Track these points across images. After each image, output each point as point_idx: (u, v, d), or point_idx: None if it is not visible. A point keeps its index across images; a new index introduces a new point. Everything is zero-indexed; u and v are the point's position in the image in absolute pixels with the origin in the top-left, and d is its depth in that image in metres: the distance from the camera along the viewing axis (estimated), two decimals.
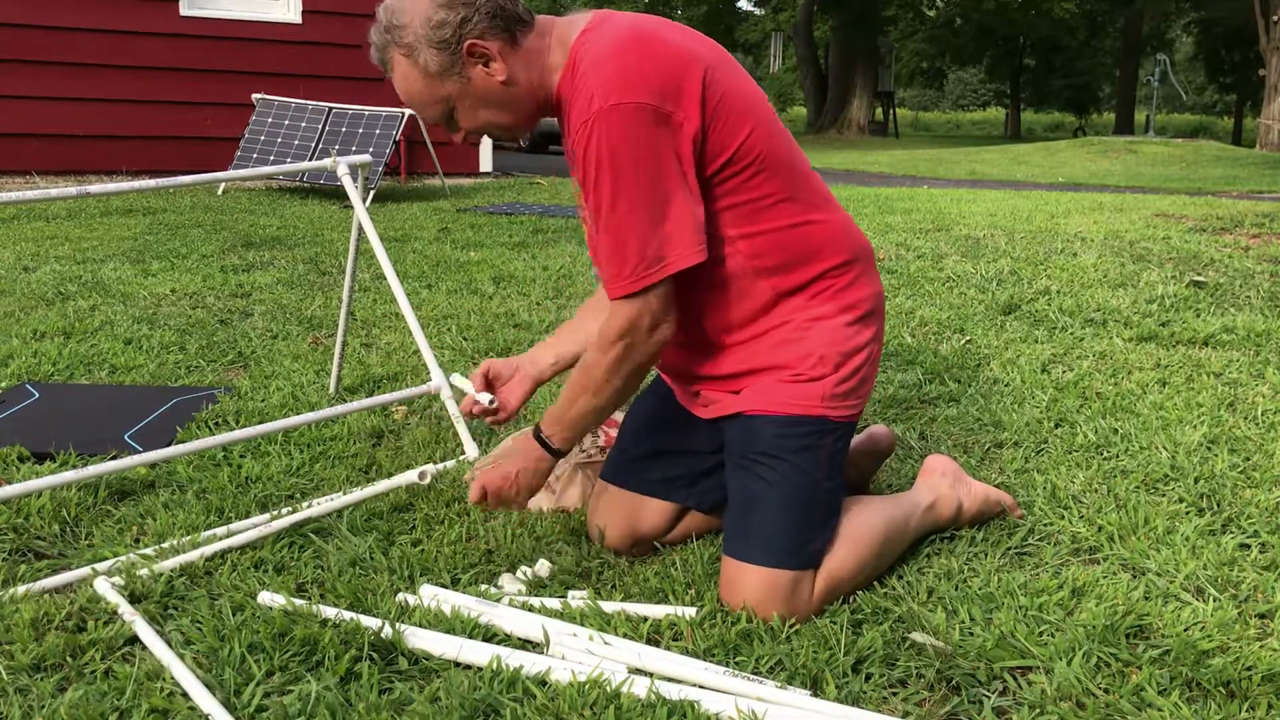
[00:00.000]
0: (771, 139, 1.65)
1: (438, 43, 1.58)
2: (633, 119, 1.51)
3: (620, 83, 1.51)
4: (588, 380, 1.66)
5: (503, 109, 1.65)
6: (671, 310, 1.62)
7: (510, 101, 1.64)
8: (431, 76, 1.61)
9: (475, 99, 1.63)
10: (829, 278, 1.70)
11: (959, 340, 3.42)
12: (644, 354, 1.63)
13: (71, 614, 1.59)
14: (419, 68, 1.60)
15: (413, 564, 1.78)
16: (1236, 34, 32.47)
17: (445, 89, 1.62)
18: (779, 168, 1.65)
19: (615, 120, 1.51)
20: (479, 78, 1.61)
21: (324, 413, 2.22)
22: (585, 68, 1.56)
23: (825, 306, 1.70)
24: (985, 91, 53.56)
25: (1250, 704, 1.40)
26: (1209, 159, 15.96)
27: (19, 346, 3.19)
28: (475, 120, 1.67)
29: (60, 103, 8.30)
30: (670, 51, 1.57)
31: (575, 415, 1.69)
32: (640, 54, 1.54)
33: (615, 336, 1.62)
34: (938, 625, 1.58)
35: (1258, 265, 4.82)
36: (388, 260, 2.45)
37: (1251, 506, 2.04)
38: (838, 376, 1.68)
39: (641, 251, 1.55)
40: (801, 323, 1.68)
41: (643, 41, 1.56)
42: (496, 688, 1.39)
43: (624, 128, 1.51)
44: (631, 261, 1.56)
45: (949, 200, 8.02)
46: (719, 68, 1.61)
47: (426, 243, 5.55)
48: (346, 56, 9.28)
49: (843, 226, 1.74)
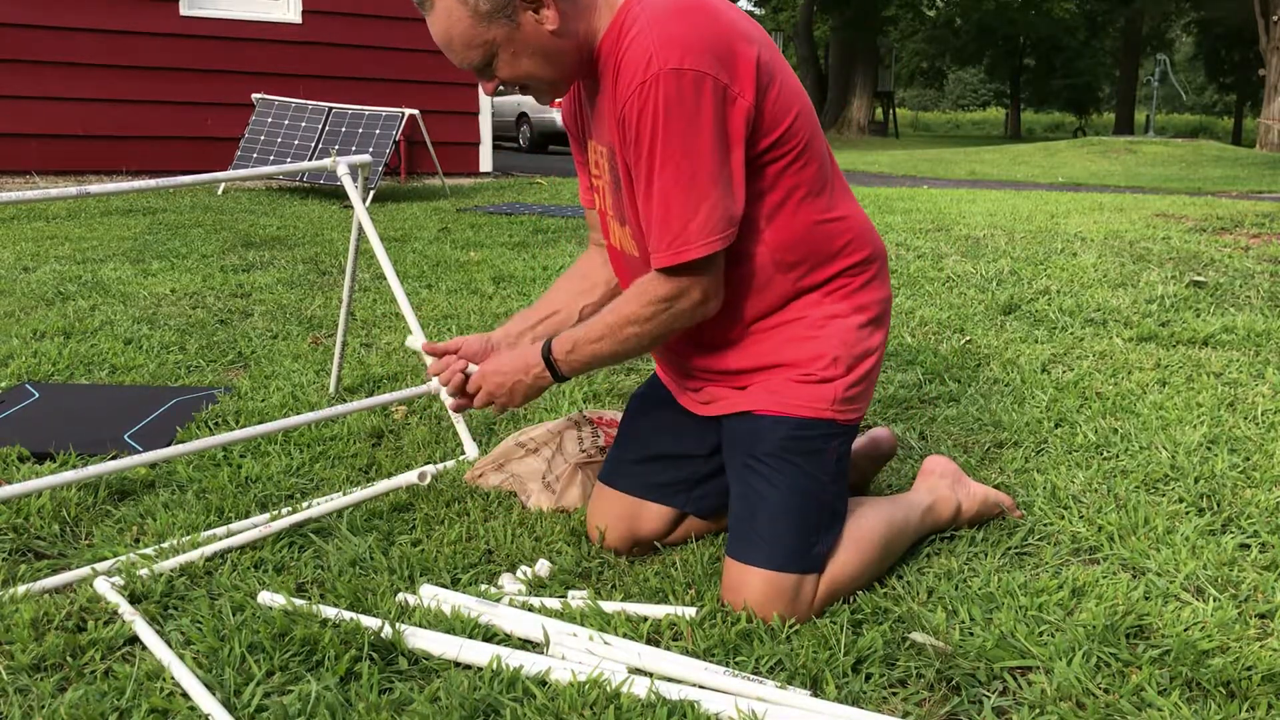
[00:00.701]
0: (813, 127, 1.63)
1: None
2: (693, 85, 1.46)
3: (683, 47, 1.47)
4: (617, 327, 1.62)
5: (547, 61, 1.58)
6: (723, 284, 1.60)
7: (556, 54, 1.58)
8: (480, 16, 1.52)
9: (521, 46, 1.56)
10: (847, 275, 1.68)
11: (959, 340, 3.42)
12: (684, 322, 1.61)
13: (71, 614, 1.59)
14: (468, 6, 1.52)
15: (413, 564, 1.78)
16: (1236, 34, 32.48)
17: (492, 33, 1.54)
18: (814, 158, 1.63)
19: (676, 84, 1.46)
20: (529, 24, 1.54)
21: (324, 413, 2.22)
22: (640, 28, 1.50)
23: (840, 305, 1.68)
24: (985, 91, 53.59)
25: (1250, 704, 1.40)
26: (1209, 159, 15.96)
27: (19, 346, 3.19)
28: (515, 70, 1.59)
29: (60, 103, 8.30)
30: (729, 21, 1.53)
31: (590, 354, 1.65)
32: (702, 20, 1.50)
33: (656, 300, 1.58)
34: (938, 625, 1.58)
35: (1258, 265, 4.82)
36: (388, 260, 2.45)
37: (1251, 506, 2.04)
38: (849, 380, 1.67)
39: (694, 221, 1.51)
40: (816, 320, 1.66)
41: (702, 8, 1.52)
42: (496, 688, 1.39)
43: (684, 93, 1.46)
44: (682, 231, 1.51)
45: (949, 200, 8.02)
46: (769, 48, 1.58)
47: (426, 243, 5.55)
48: (346, 56, 9.29)
49: (864, 225, 1.72)
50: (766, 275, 1.64)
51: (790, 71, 1.63)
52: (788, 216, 1.62)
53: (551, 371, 1.68)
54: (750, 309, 1.67)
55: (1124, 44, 36.05)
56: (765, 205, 1.61)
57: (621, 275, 1.82)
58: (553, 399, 2.74)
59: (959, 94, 58.73)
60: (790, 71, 1.63)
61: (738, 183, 1.54)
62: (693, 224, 1.51)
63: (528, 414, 2.63)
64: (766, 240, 1.62)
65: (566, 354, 1.67)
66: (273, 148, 8.07)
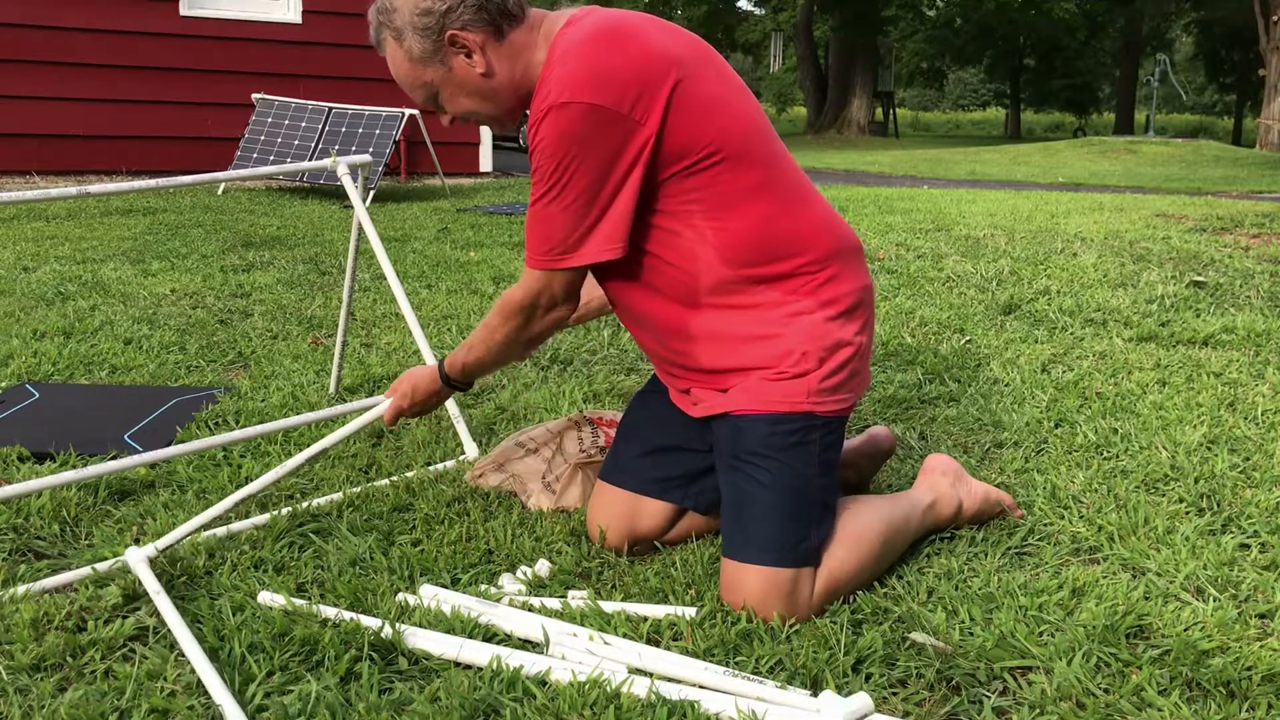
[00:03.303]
0: (748, 135, 1.65)
1: (422, 29, 1.64)
2: (580, 119, 1.55)
3: (578, 80, 1.55)
4: (487, 339, 1.81)
5: (484, 99, 1.71)
6: (573, 298, 1.73)
7: (490, 93, 1.70)
8: (415, 61, 1.68)
9: (456, 87, 1.70)
10: (804, 274, 1.69)
11: (959, 340, 3.42)
12: (538, 328, 1.76)
13: (71, 614, 1.59)
14: (404, 51, 1.67)
15: (413, 564, 1.78)
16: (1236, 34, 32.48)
17: (428, 74, 1.69)
18: (754, 164, 1.65)
19: (564, 118, 1.55)
20: (460, 67, 1.68)
21: (324, 413, 2.22)
22: (554, 60, 1.60)
23: (804, 301, 1.69)
24: (985, 91, 53.57)
25: (1250, 704, 1.40)
26: (1209, 159, 15.96)
27: (19, 346, 3.19)
28: (458, 107, 1.73)
29: (60, 103, 8.30)
30: (641, 50, 1.58)
31: (471, 361, 1.87)
32: (608, 51, 1.57)
33: (516, 308, 1.74)
34: (938, 625, 1.58)
35: (1258, 265, 4.82)
36: (388, 260, 2.45)
37: (1251, 506, 2.04)
38: (822, 371, 1.67)
39: (559, 238, 1.64)
40: (779, 318, 1.68)
41: (614, 38, 1.58)
42: (496, 688, 1.39)
43: (570, 126, 1.55)
44: (546, 244, 1.65)
45: (949, 200, 8.02)
46: (695, 65, 1.62)
47: (426, 243, 5.55)
48: (346, 56, 9.29)
49: (822, 222, 1.72)
50: (718, 271, 1.67)
51: (729, 77, 1.69)
52: (729, 217, 1.65)
53: (445, 381, 1.93)
54: (705, 303, 1.70)
55: (1124, 44, 36.04)
56: (703, 208, 1.65)
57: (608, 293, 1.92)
58: (553, 399, 2.74)
59: (959, 94, 58.73)
60: (729, 77, 1.69)
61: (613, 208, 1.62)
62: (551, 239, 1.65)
63: (528, 414, 2.63)
64: (710, 240, 1.66)
65: (450, 365, 1.91)
66: (273, 148, 8.07)
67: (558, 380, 2.95)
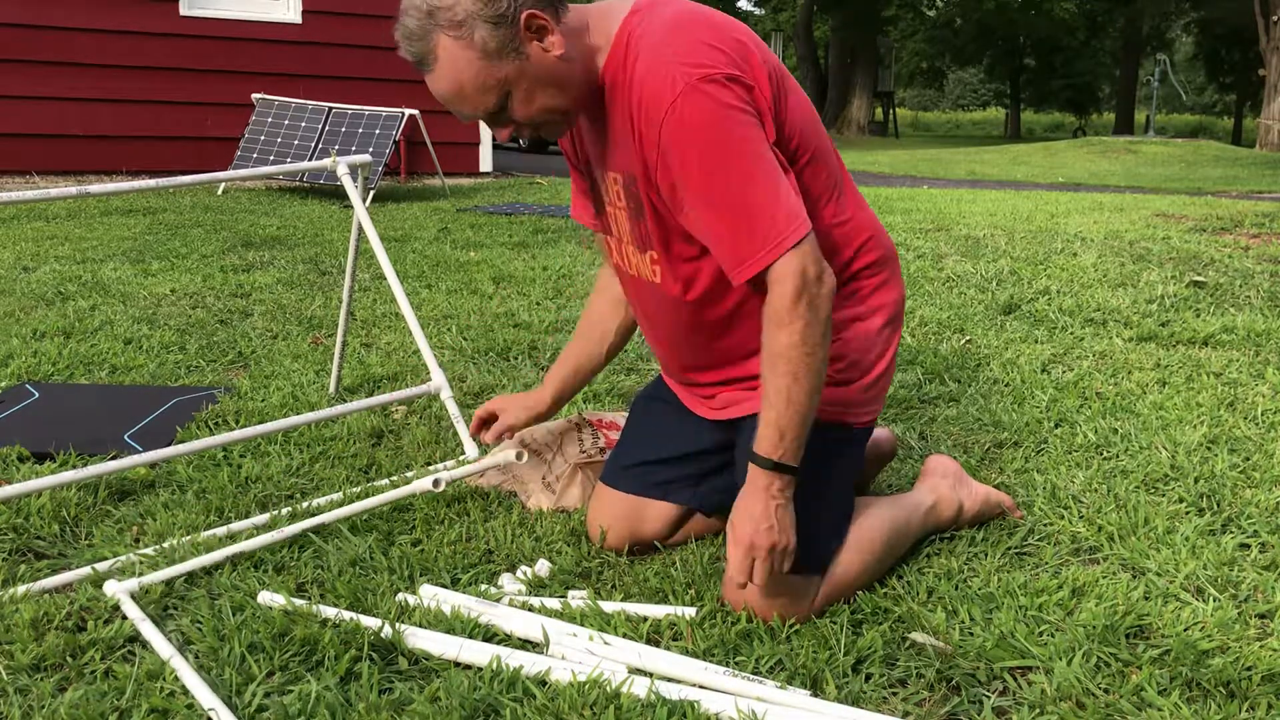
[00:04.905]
0: (818, 128, 1.61)
1: (493, 17, 1.44)
2: (724, 91, 1.43)
3: (700, 58, 1.43)
4: (784, 369, 1.48)
5: (561, 89, 1.51)
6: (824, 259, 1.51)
7: (568, 80, 1.51)
8: (490, 56, 1.45)
9: (533, 80, 1.49)
10: (863, 278, 1.68)
11: (959, 340, 3.42)
12: (825, 307, 1.49)
13: (71, 614, 1.59)
14: (475, 48, 1.45)
15: (413, 564, 1.78)
16: (1236, 34, 32.46)
17: (503, 70, 1.47)
18: (825, 159, 1.61)
19: (707, 94, 1.42)
20: (536, 54, 1.48)
21: (324, 413, 2.22)
22: (650, 49, 1.47)
23: (859, 308, 1.67)
24: (985, 91, 53.57)
25: (1250, 704, 1.40)
26: (1209, 159, 15.96)
27: (19, 346, 3.19)
28: (531, 106, 1.51)
29: (60, 103, 8.30)
30: (732, 27, 1.51)
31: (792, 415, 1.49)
32: (708, 28, 1.48)
33: (788, 302, 1.46)
34: (938, 625, 1.58)
35: (1258, 265, 4.82)
36: (388, 260, 2.45)
37: (1251, 506, 2.04)
38: (864, 383, 1.67)
39: (777, 212, 1.45)
40: (836, 324, 1.62)
41: (705, 18, 1.50)
42: (496, 688, 1.39)
43: (718, 100, 1.42)
44: (771, 225, 1.45)
45: (949, 200, 8.02)
46: (767, 51, 1.57)
47: (426, 243, 5.55)
48: (346, 56, 9.29)
49: (876, 225, 1.71)
50: None
51: (791, 76, 1.63)
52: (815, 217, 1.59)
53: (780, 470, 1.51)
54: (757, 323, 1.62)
55: (1124, 44, 36.04)
56: None
57: (637, 302, 1.80)
58: None
59: (959, 94, 58.72)
60: (791, 76, 1.63)
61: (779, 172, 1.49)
62: (778, 213, 1.45)
63: None
64: None
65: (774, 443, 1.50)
66: (273, 148, 8.07)
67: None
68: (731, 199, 1.45)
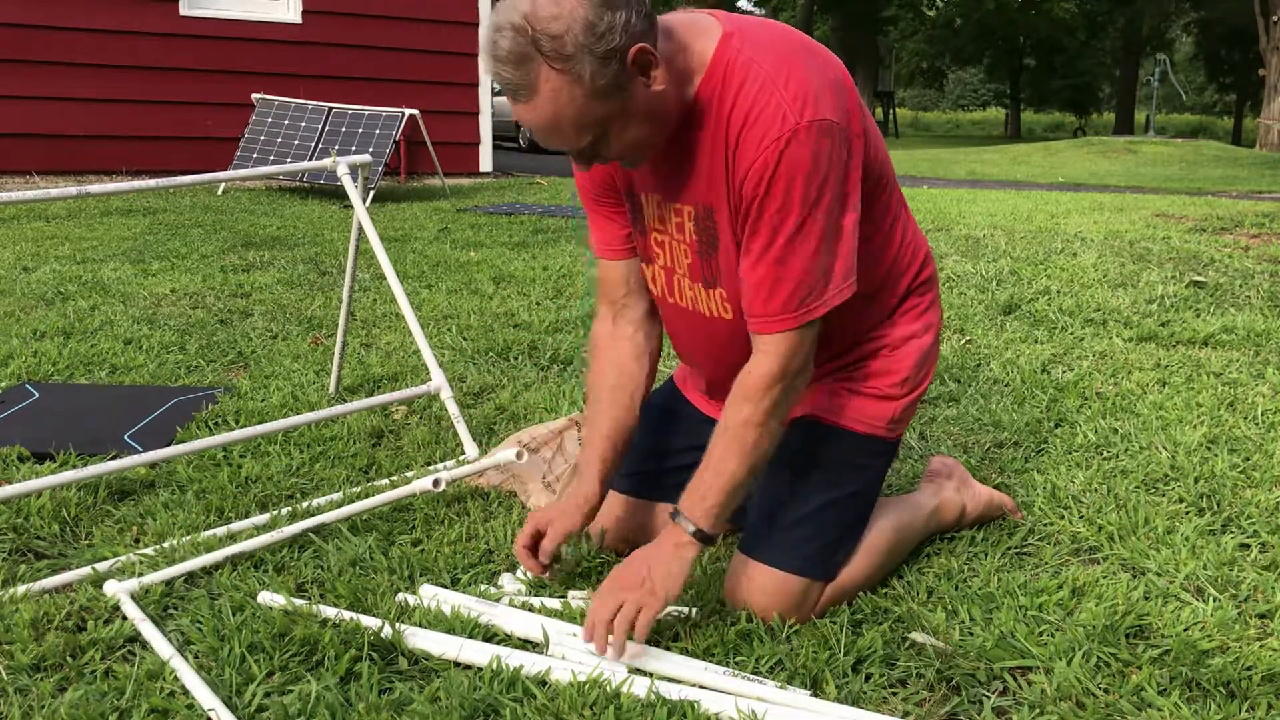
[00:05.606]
0: (884, 148, 1.59)
1: (603, 54, 1.30)
2: (829, 138, 1.37)
3: (813, 97, 1.37)
4: (739, 441, 1.46)
5: (655, 124, 1.41)
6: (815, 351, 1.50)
7: (664, 115, 1.42)
8: (595, 95, 1.33)
9: (631, 115, 1.38)
10: (920, 293, 1.69)
11: (959, 340, 3.42)
12: (792, 400, 1.49)
13: (71, 614, 1.59)
14: (582, 85, 1.32)
15: (413, 564, 1.78)
16: (1236, 34, 32.48)
17: (606, 108, 1.35)
18: (893, 178, 1.61)
19: (813, 139, 1.36)
20: (639, 90, 1.36)
21: (324, 413, 2.22)
22: (759, 76, 1.38)
23: (914, 325, 1.68)
24: (985, 91, 53.58)
25: (1250, 704, 1.40)
26: (1209, 159, 15.96)
27: (19, 346, 3.19)
28: (624, 142, 1.41)
29: (60, 103, 8.30)
30: (834, 62, 1.46)
31: (722, 486, 1.48)
32: (819, 64, 1.41)
33: (768, 381, 1.45)
34: (938, 625, 1.58)
35: (1258, 265, 4.82)
36: (388, 260, 2.45)
37: (1251, 506, 2.04)
38: (908, 400, 1.68)
39: (814, 280, 1.42)
40: (894, 341, 1.66)
41: (812, 51, 1.43)
42: (496, 688, 1.39)
43: (822, 148, 1.37)
44: (804, 290, 1.42)
45: (949, 200, 8.02)
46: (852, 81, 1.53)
47: (426, 243, 5.55)
48: (346, 56, 9.29)
49: (924, 239, 1.73)
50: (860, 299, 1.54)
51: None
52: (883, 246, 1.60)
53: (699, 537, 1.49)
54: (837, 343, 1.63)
55: (1124, 44, 36.04)
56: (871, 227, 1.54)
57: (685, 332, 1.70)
58: (553, 399, 2.74)
59: (959, 94, 58.71)
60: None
61: (850, 238, 1.45)
62: (802, 286, 1.42)
63: (528, 414, 2.63)
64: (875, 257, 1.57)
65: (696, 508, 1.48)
66: (273, 148, 8.07)
67: (558, 380, 2.94)
68: (793, 252, 1.41)
